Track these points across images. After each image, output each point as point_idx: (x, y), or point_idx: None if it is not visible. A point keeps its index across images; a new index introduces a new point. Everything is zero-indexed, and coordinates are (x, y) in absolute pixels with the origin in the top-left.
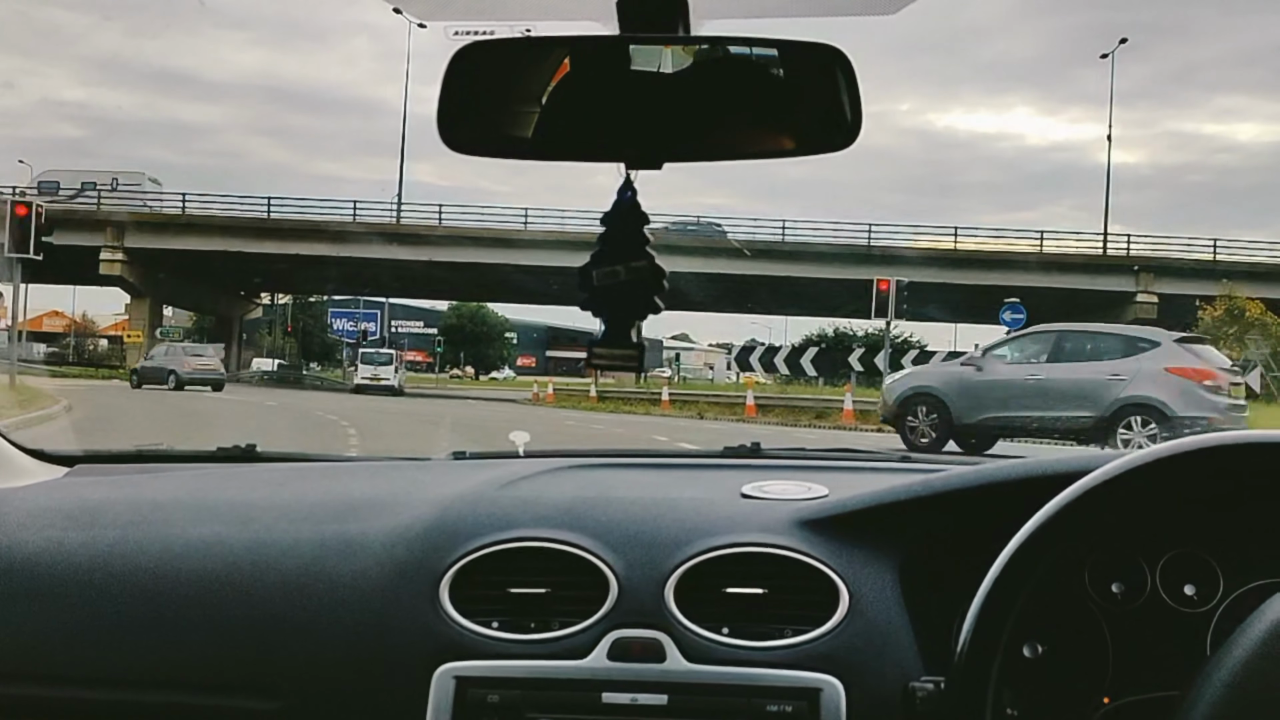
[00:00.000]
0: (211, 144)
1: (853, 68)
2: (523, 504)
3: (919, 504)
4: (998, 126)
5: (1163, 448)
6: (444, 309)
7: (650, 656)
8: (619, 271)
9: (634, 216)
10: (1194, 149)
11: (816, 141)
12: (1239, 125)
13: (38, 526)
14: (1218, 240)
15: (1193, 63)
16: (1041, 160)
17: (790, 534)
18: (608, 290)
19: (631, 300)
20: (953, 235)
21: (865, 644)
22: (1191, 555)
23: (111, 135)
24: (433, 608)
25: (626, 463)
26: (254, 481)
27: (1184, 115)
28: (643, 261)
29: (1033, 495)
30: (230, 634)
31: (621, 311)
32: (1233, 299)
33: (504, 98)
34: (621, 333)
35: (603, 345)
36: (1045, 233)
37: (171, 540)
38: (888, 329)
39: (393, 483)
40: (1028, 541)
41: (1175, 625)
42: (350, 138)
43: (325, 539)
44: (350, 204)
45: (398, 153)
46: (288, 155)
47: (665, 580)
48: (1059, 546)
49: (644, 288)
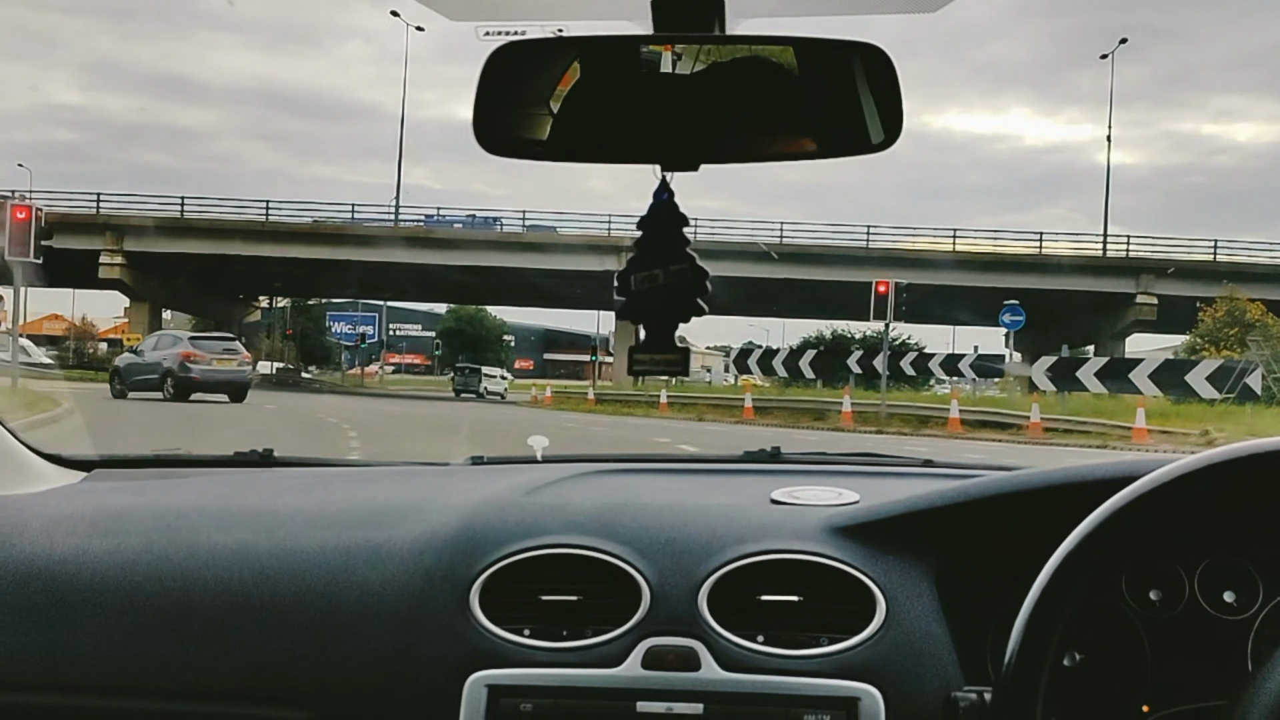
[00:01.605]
0: (207, 148)
1: (894, 66)
2: (551, 510)
3: (955, 510)
4: (994, 128)
5: (1213, 453)
6: (442, 312)
7: (685, 665)
8: (658, 275)
9: (672, 218)
10: (1192, 150)
11: (856, 142)
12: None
13: (60, 534)
14: (1218, 242)
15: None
16: (1039, 162)
17: (824, 540)
18: (647, 295)
19: (673, 304)
20: (951, 237)
21: (904, 653)
22: (1230, 562)
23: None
24: (463, 615)
25: (649, 468)
26: (276, 488)
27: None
28: (684, 264)
29: (1071, 502)
30: (259, 643)
31: (662, 316)
32: (1233, 300)
33: (539, 99)
34: (664, 337)
35: (644, 350)
36: (1044, 234)
37: (197, 548)
38: (886, 331)
39: (416, 489)
40: (1078, 549)
41: (1214, 633)
42: (345, 142)
43: (352, 546)
44: (349, 207)
45: (392, 156)
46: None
47: (698, 588)
48: (1108, 554)
49: (686, 290)
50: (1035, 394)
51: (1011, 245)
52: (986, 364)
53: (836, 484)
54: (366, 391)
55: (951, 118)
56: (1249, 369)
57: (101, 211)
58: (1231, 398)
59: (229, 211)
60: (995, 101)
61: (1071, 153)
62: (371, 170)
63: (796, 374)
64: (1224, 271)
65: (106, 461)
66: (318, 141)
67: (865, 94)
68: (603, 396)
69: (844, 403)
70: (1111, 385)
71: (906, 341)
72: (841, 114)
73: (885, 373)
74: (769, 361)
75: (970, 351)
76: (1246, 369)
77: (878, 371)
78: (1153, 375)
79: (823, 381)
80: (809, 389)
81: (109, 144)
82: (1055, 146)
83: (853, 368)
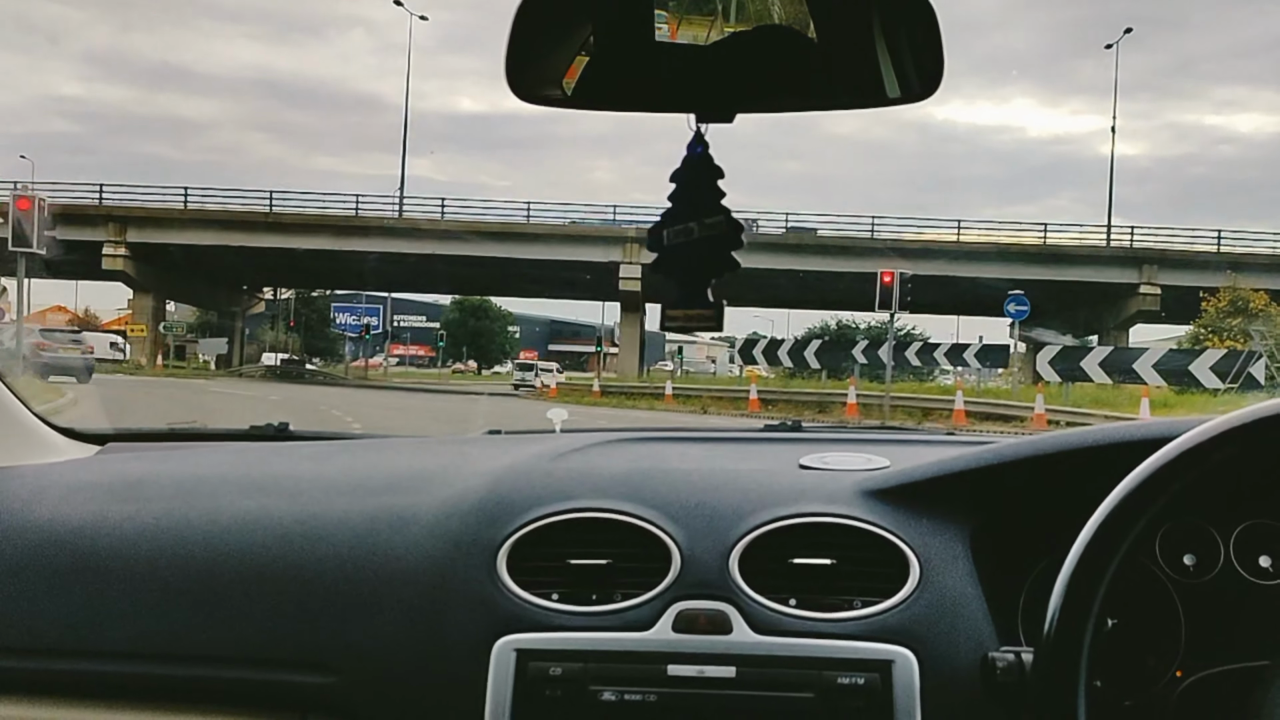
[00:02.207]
0: (209, 139)
1: (934, 13)
2: (579, 476)
3: (988, 472)
4: (998, 119)
5: (1259, 408)
6: (446, 303)
7: (716, 629)
8: (692, 229)
9: (708, 170)
10: (1195, 141)
11: (895, 91)
12: (1240, 116)
13: (79, 501)
14: (1221, 232)
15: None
16: (1041, 153)
17: (855, 504)
18: (680, 249)
19: (707, 257)
20: (955, 228)
21: (938, 615)
22: (1266, 527)
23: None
24: (490, 580)
25: (674, 436)
26: (296, 456)
27: (1184, 107)
28: (718, 217)
29: (1110, 461)
30: (283, 608)
31: (696, 270)
32: (1236, 291)
33: (571, 45)
34: (698, 292)
35: (678, 306)
36: (1048, 225)
37: (219, 513)
38: (891, 322)
39: (437, 457)
40: (1121, 505)
41: (1249, 597)
42: (347, 133)
43: (375, 512)
44: (353, 198)
45: (395, 148)
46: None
47: (729, 551)
48: (1152, 512)
49: (720, 243)
50: (1039, 385)
51: (1016, 236)
52: (991, 354)
53: (866, 451)
54: (371, 384)
55: (954, 109)
56: (1252, 359)
57: (104, 203)
58: (1235, 387)
59: (232, 203)
60: (998, 92)
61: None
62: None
63: (801, 365)
64: (1227, 261)
65: (121, 435)
66: (320, 133)
67: (904, 42)
68: (607, 388)
69: (849, 394)
70: (1115, 375)
71: (911, 332)
72: (882, 62)
73: (890, 363)
74: (774, 352)
75: (975, 342)
76: (1250, 359)
77: (883, 362)
78: (1156, 365)
79: (828, 373)
80: (814, 380)
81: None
82: (1059, 138)
83: (858, 358)
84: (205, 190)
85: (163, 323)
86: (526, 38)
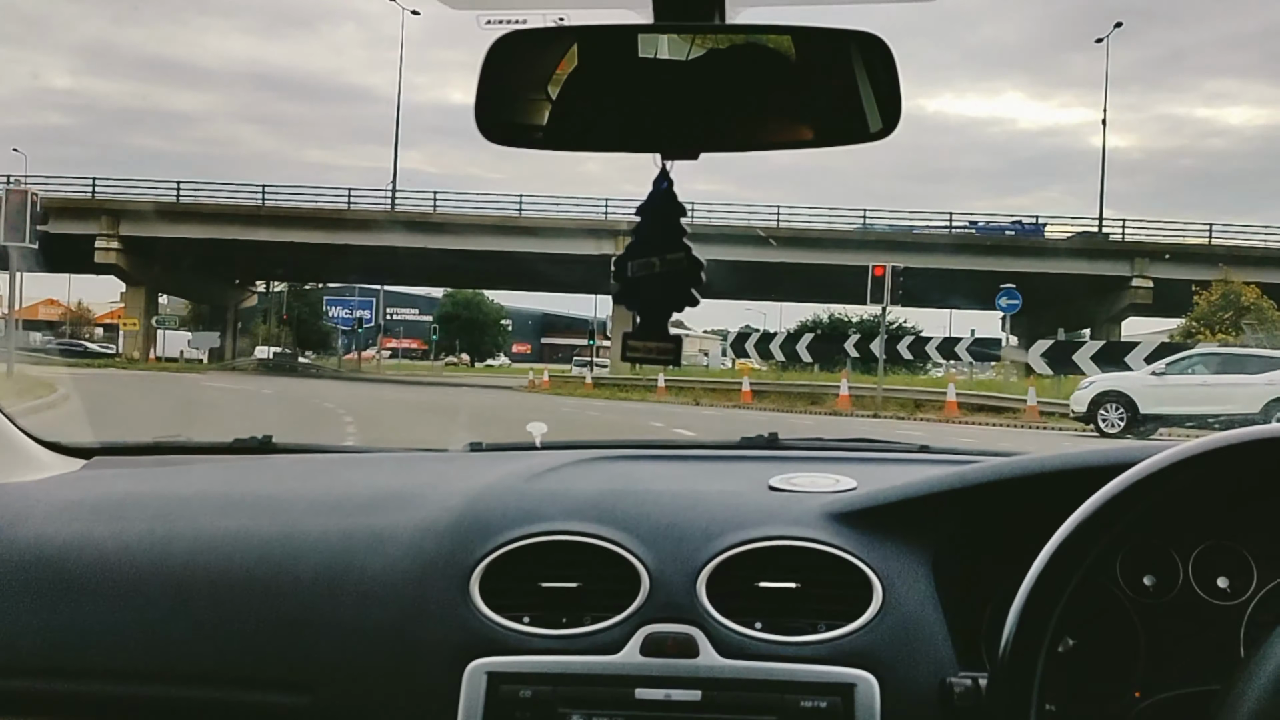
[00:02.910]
0: (201, 132)
1: (892, 55)
2: (551, 497)
3: (952, 496)
4: (988, 111)
5: (1213, 439)
6: (439, 296)
7: (683, 652)
8: (654, 263)
9: (670, 207)
10: (1185, 133)
11: (855, 130)
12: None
13: (63, 520)
14: (1213, 225)
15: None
16: (1032, 145)
17: (821, 527)
18: (642, 282)
19: (667, 292)
20: (948, 221)
21: (899, 639)
22: (1224, 547)
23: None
24: (463, 602)
25: (648, 454)
26: (277, 474)
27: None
28: (680, 253)
29: (1070, 488)
30: (260, 628)
31: (657, 303)
32: (1229, 284)
33: (540, 88)
34: (657, 325)
35: (638, 338)
36: (1040, 218)
37: (199, 532)
38: (883, 315)
39: (416, 475)
40: (1076, 532)
41: (1208, 618)
42: (340, 125)
43: (353, 532)
44: (345, 191)
45: (387, 140)
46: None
47: (697, 574)
48: (1106, 538)
49: (681, 279)
50: (1031, 377)
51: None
52: (983, 348)
53: (833, 470)
54: (365, 377)
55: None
56: None
57: (97, 196)
58: None
59: (225, 196)
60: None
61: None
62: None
63: (794, 358)
64: (1219, 255)
65: (106, 449)
66: (312, 125)
67: (864, 82)
68: (600, 380)
69: (841, 386)
70: (1108, 368)
71: (904, 325)
72: (840, 102)
73: (882, 356)
74: (766, 345)
75: (967, 335)
76: None
77: (875, 355)
78: (1149, 359)
79: (820, 365)
80: (806, 373)
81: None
82: (1049, 130)
83: (850, 351)
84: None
85: (155, 316)
86: (495, 82)
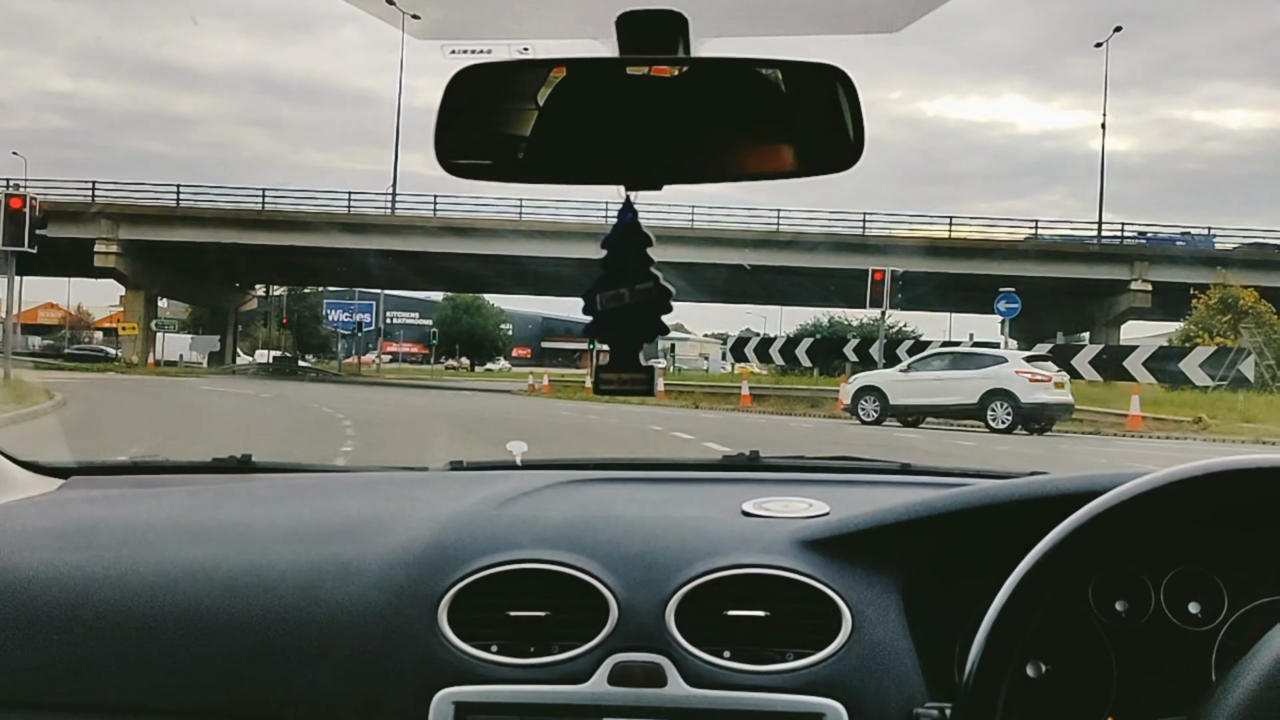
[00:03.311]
0: (201, 135)
1: (854, 87)
2: (521, 523)
3: (922, 525)
4: (989, 115)
5: (1176, 470)
6: (439, 300)
7: (651, 681)
8: (623, 295)
9: (636, 238)
10: (1184, 137)
11: (818, 162)
12: (1229, 112)
13: (31, 549)
14: (1211, 229)
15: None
16: (1033, 148)
17: (792, 554)
18: (612, 314)
19: (637, 323)
20: (947, 224)
21: (868, 667)
22: (1195, 573)
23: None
24: (431, 632)
25: (625, 476)
26: (250, 499)
27: (1174, 103)
28: (648, 283)
29: (1038, 516)
30: (227, 659)
31: (628, 334)
32: (1226, 287)
33: (502, 120)
34: (629, 356)
35: (611, 370)
36: (1040, 222)
37: (167, 563)
38: (883, 319)
39: (389, 499)
40: (1039, 563)
41: (1179, 644)
42: (340, 128)
43: (322, 562)
44: (345, 195)
45: (387, 143)
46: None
47: (666, 603)
48: (1070, 568)
49: (650, 310)
50: None
51: (1008, 233)
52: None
53: (811, 494)
54: (363, 381)
55: (946, 104)
56: (1242, 356)
57: (97, 199)
58: (1225, 384)
59: (226, 199)
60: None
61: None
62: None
63: (793, 362)
64: (1218, 258)
65: (84, 469)
66: (313, 128)
67: (826, 114)
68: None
69: (840, 390)
70: (1106, 372)
71: (903, 329)
72: (803, 134)
73: (881, 361)
74: (766, 350)
75: (966, 339)
76: (1239, 356)
77: (874, 359)
78: (1147, 362)
79: (819, 370)
80: (806, 377)
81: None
82: (1049, 133)
83: (849, 356)
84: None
85: (154, 320)
86: (455, 113)
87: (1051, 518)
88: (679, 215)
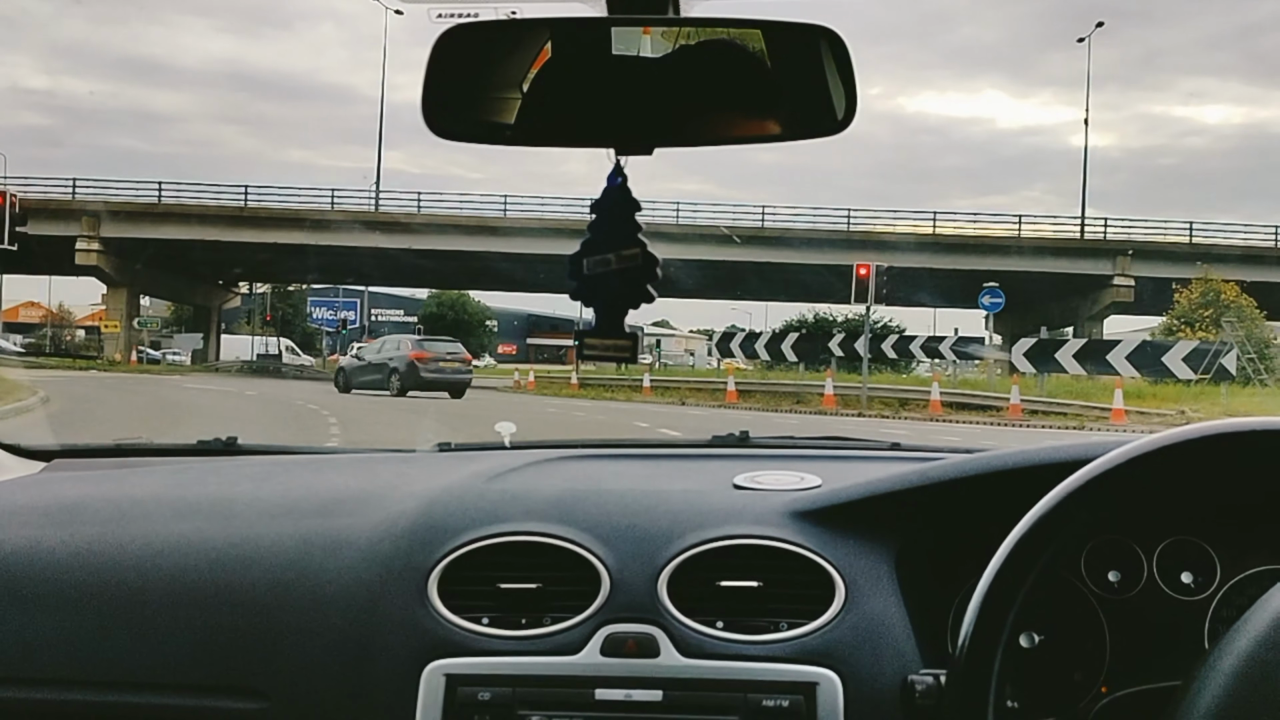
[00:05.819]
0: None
1: (847, 49)
2: (511, 497)
3: (914, 494)
4: (969, 110)
5: (1170, 434)
6: (424, 297)
7: (644, 652)
8: (610, 260)
9: (625, 203)
10: (1164, 132)
11: (811, 125)
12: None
13: (14, 525)
14: (1193, 224)
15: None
16: (1013, 144)
17: (784, 525)
18: (598, 279)
19: (623, 289)
20: (931, 220)
21: (862, 637)
22: (1188, 542)
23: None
24: (421, 604)
25: (614, 454)
26: (235, 476)
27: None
28: (635, 249)
29: (1030, 484)
30: (215, 634)
31: (613, 301)
32: (1208, 282)
33: (490, 82)
34: (613, 322)
35: (594, 335)
36: (1023, 217)
37: (152, 537)
38: (867, 314)
39: (377, 476)
40: (1031, 530)
41: (1172, 613)
42: (321, 125)
43: (309, 535)
44: (328, 192)
45: (369, 140)
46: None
47: (658, 574)
48: (1062, 535)
49: (636, 276)
50: (1015, 376)
51: (991, 228)
52: (966, 347)
53: (802, 468)
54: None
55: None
56: (1224, 350)
57: (78, 197)
58: (1207, 378)
59: (208, 196)
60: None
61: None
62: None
63: (779, 357)
64: (1199, 253)
65: (67, 451)
66: (292, 125)
67: (819, 76)
68: (586, 381)
69: (826, 385)
70: (1090, 367)
71: (888, 324)
72: (795, 96)
73: (867, 355)
74: (751, 345)
75: (951, 334)
76: (1221, 350)
77: (859, 354)
78: (1130, 356)
79: (805, 365)
80: (791, 372)
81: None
82: (1030, 129)
83: (835, 351)
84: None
85: (137, 318)
86: (443, 75)
87: (1047, 486)
88: (664, 213)
